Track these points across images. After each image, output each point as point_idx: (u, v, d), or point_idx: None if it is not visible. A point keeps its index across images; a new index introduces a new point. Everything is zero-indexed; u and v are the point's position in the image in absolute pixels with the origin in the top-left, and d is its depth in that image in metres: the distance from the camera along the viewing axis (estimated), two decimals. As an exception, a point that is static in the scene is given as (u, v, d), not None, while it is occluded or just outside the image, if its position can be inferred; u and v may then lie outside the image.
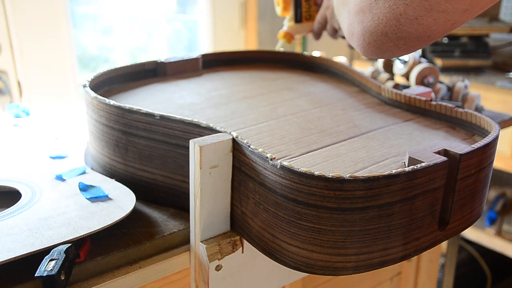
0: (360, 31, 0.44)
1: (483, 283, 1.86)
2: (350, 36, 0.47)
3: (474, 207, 0.50)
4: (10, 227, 0.48)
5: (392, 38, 0.42)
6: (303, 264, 0.45)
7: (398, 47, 0.43)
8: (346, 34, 0.49)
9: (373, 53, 0.45)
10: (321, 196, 0.41)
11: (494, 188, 1.86)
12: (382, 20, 0.41)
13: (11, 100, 1.58)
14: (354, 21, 0.45)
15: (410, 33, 0.41)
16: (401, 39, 0.42)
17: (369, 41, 0.44)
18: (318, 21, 0.87)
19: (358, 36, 0.45)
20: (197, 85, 0.76)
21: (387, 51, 0.44)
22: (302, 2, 0.89)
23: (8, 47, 1.54)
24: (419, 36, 0.41)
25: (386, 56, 0.45)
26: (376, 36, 0.43)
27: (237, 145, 0.49)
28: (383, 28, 0.41)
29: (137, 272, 0.51)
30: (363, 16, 0.43)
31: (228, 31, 2.14)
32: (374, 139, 0.55)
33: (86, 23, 1.91)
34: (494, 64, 1.76)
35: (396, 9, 0.40)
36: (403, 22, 0.40)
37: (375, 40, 0.43)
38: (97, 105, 0.60)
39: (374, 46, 0.44)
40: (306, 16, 0.89)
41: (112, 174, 0.62)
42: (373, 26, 0.42)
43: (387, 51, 0.44)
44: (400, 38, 0.41)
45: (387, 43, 0.43)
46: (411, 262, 0.90)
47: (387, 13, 0.40)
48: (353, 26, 0.45)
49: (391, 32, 0.41)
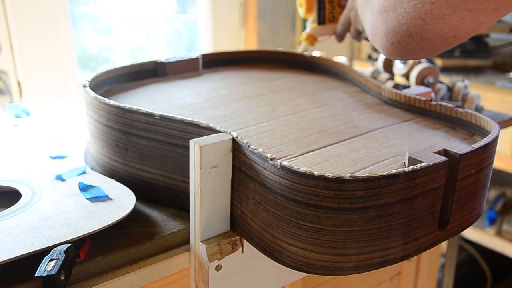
0: (384, 31, 0.43)
1: (483, 283, 1.86)
2: (373, 36, 0.46)
3: (474, 207, 0.50)
4: (10, 227, 0.48)
5: (417, 38, 0.40)
6: (303, 264, 0.45)
7: (422, 48, 0.42)
8: (369, 34, 0.47)
9: (396, 54, 0.44)
10: (321, 196, 0.41)
11: (494, 188, 1.86)
12: (407, 20, 0.40)
13: (11, 100, 1.58)
14: (377, 21, 0.44)
15: (435, 33, 0.39)
16: (426, 39, 0.40)
17: (393, 41, 0.43)
18: (342, 23, 0.85)
19: (381, 37, 0.44)
20: (197, 85, 0.76)
21: (411, 52, 0.43)
22: (326, 4, 0.87)
23: (8, 47, 1.54)
24: (444, 36, 0.39)
25: (409, 57, 0.44)
26: (400, 37, 0.41)
27: (237, 145, 0.49)
28: (408, 28, 0.40)
29: (137, 272, 0.51)
30: (387, 16, 0.42)
31: (228, 31, 2.14)
32: (374, 139, 0.55)
33: (86, 23, 1.91)
34: (494, 64, 1.77)
35: (421, 8, 0.38)
36: (428, 22, 0.39)
37: (399, 41, 0.42)
38: (97, 105, 0.60)
39: (398, 47, 0.43)
40: (329, 17, 0.88)
41: (112, 174, 0.62)
42: (397, 26, 0.41)
43: (411, 52, 0.43)
44: (425, 38, 0.40)
45: (411, 44, 0.41)
46: (411, 262, 0.90)
47: (412, 12, 0.39)
48: (376, 26, 0.44)
49: (416, 32, 0.40)
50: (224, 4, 2.10)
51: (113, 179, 0.59)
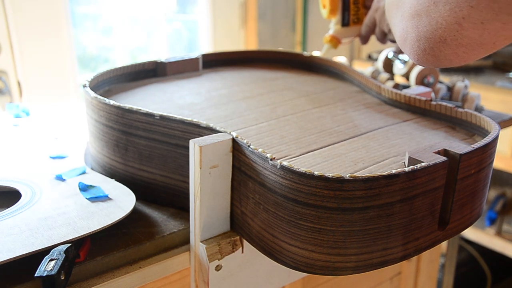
0: (415, 36, 0.41)
1: (483, 283, 1.86)
2: (403, 42, 0.43)
3: (474, 207, 0.50)
4: (10, 227, 0.48)
5: (451, 45, 0.38)
6: (303, 264, 0.45)
7: (457, 55, 0.39)
8: (399, 39, 0.45)
9: (428, 62, 0.42)
10: (321, 196, 0.41)
11: (494, 188, 1.86)
12: (441, 25, 0.37)
13: (11, 100, 1.58)
14: (408, 25, 0.41)
15: (472, 39, 0.37)
16: (462, 46, 0.38)
17: (425, 48, 0.40)
18: (367, 24, 0.81)
19: (412, 42, 0.41)
20: (197, 85, 0.76)
21: (444, 59, 0.40)
22: (351, 5, 0.83)
23: (8, 47, 1.55)
24: (483, 42, 0.37)
25: (442, 65, 0.41)
26: (432, 43, 0.39)
27: (237, 145, 0.49)
28: (442, 33, 0.38)
29: (137, 272, 0.51)
30: (419, 20, 0.39)
31: (228, 31, 2.15)
32: (374, 139, 0.55)
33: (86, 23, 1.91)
34: (494, 64, 1.76)
35: (458, 12, 0.35)
36: (465, 27, 0.36)
37: (431, 47, 0.39)
38: (97, 105, 0.60)
39: (430, 54, 0.40)
40: (354, 19, 0.84)
41: (112, 174, 0.62)
42: (430, 31, 0.39)
43: (444, 60, 0.40)
44: (461, 45, 0.38)
45: (445, 51, 0.39)
46: (411, 262, 0.90)
47: (448, 16, 0.36)
48: (407, 31, 0.42)
49: (451, 38, 0.37)
50: (224, 4, 2.10)
51: (113, 179, 0.59)
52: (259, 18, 2.17)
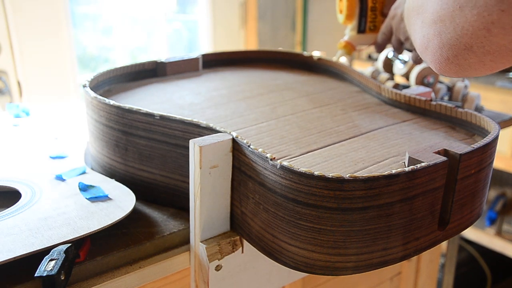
0: (438, 44, 0.38)
1: (483, 283, 1.86)
2: (424, 50, 0.41)
3: (474, 207, 0.50)
4: (10, 227, 0.48)
5: (478, 52, 0.35)
6: (303, 264, 0.45)
7: (483, 64, 0.36)
8: (419, 47, 0.42)
9: (451, 71, 0.39)
10: (321, 196, 0.41)
11: (494, 188, 1.86)
12: (467, 31, 0.34)
13: (11, 100, 1.58)
14: (430, 32, 0.38)
15: (502, 46, 0.34)
16: (489, 54, 0.35)
17: (448, 56, 0.37)
18: (383, 32, 0.78)
19: (434, 50, 0.39)
20: (197, 85, 0.76)
21: (469, 68, 0.37)
22: (368, 11, 0.81)
23: (8, 47, 1.55)
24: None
25: (466, 74, 0.39)
26: (457, 51, 0.36)
27: (237, 145, 0.49)
28: (468, 40, 0.35)
29: (137, 272, 0.51)
30: (443, 27, 0.37)
31: (228, 31, 2.15)
32: (374, 139, 0.55)
33: (86, 23, 1.91)
34: (494, 64, 1.76)
35: (487, 17, 0.33)
36: (494, 33, 0.33)
37: (455, 55, 0.37)
38: (97, 105, 0.60)
39: (454, 63, 0.37)
40: (370, 26, 0.82)
41: (112, 174, 0.62)
42: (454, 38, 0.36)
43: (469, 69, 0.37)
44: (488, 52, 0.35)
45: (470, 59, 0.36)
46: (411, 262, 0.90)
47: (475, 21, 0.34)
48: (429, 38, 0.39)
49: (477, 45, 0.35)
50: (224, 4, 2.10)
51: (113, 179, 0.59)
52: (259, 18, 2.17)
